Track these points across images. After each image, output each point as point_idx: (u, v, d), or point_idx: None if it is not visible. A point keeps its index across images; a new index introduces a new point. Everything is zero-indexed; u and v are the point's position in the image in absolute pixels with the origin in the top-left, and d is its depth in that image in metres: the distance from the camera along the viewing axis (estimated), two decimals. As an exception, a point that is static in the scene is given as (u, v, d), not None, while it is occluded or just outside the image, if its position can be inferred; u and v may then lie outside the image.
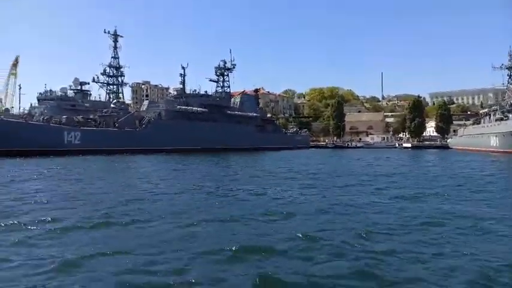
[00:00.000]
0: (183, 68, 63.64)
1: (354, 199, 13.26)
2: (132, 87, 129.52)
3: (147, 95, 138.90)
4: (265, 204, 12.35)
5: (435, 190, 15.67)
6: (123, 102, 59.38)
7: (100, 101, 67.78)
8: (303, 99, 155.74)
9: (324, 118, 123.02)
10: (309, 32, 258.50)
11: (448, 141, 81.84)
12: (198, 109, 60.24)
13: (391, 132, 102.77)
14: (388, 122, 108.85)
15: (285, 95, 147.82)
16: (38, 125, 43.94)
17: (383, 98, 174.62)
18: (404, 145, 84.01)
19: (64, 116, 47.90)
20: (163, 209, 11.35)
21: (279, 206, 11.84)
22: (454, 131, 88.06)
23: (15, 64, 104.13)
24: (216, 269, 6.29)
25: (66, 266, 6.33)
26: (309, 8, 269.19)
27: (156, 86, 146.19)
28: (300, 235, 8.09)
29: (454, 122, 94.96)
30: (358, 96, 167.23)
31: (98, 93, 79.64)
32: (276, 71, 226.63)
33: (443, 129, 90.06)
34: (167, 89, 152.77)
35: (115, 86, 70.28)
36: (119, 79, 70.46)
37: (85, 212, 10.75)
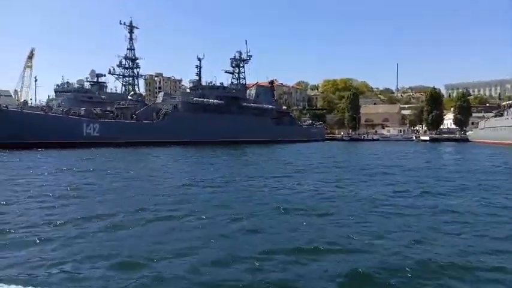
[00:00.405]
0: (199, 59, 63.12)
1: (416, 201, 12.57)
2: (145, 79, 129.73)
3: (159, 87, 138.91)
4: (308, 198, 11.79)
5: None
6: (140, 94, 59.18)
7: (116, 93, 67.80)
8: (316, 91, 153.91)
9: (338, 110, 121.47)
10: (320, 22, 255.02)
11: (467, 133, 79.87)
12: (215, 101, 59.78)
13: (407, 125, 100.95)
14: (404, 114, 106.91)
15: (298, 87, 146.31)
16: (58, 117, 43.98)
17: (397, 89, 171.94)
18: (422, 138, 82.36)
19: (83, 108, 47.92)
20: (207, 203, 10.99)
21: (321, 201, 11.30)
22: (473, 123, 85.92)
23: (30, 56, 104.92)
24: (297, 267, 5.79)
25: (130, 265, 5.95)
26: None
27: (169, 78, 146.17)
28: (373, 232, 7.50)
29: (472, 114, 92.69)
30: (372, 88, 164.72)
31: (113, 85, 79.78)
32: (288, 62, 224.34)
33: (462, 121, 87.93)
34: (180, 81, 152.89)
35: (130, 78, 70.32)
36: (135, 71, 70.41)
37: (132, 206, 10.32)
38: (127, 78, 69.90)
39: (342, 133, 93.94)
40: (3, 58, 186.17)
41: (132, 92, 57.76)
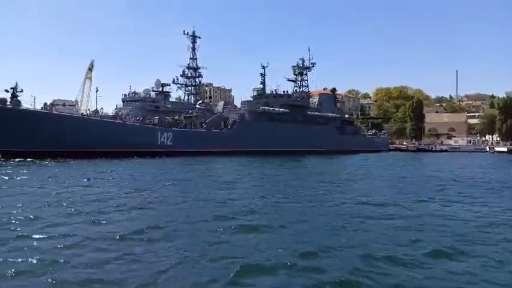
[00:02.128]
0: (263, 67, 61.82)
1: None
2: (180, 88, 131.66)
3: (210, 97, 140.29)
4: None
5: None
6: (208, 103, 58.82)
7: (180, 102, 68.29)
8: (369, 99, 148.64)
9: (395, 119, 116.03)
10: (370, 28, 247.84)
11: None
12: (280, 110, 58.10)
13: (477, 135, 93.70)
14: (470, 124, 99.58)
15: (350, 95, 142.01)
16: (135, 126, 44.01)
17: (457, 97, 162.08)
18: (497, 149, 75.54)
19: (156, 117, 47.86)
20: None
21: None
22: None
23: (90, 68, 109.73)
24: None
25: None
26: (367, 4, 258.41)
27: (218, 87, 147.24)
28: None
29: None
30: (427, 96, 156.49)
31: (176, 94, 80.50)
32: (337, 69, 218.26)
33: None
34: (230, 90, 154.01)
35: (192, 87, 70.62)
36: (196, 80, 70.70)
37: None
38: (189, 88, 70.42)
39: (405, 143, 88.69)
40: (63, 71, 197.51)
41: (201, 101, 57.50)
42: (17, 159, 31.97)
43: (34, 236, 8.19)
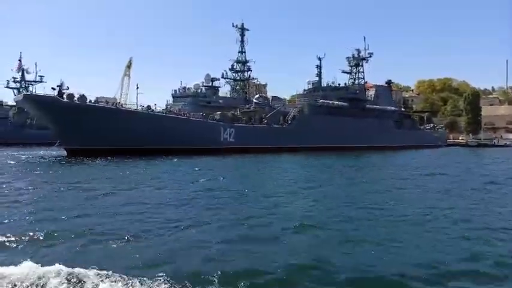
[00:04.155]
0: (319, 59, 58.60)
1: None
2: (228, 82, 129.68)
3: (245, 92, 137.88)
4: None
5: None
6: (266, 97, 56.25)
7: (230, 97, 66.27)
8: (410, 92, 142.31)
9: (443, 112, 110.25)
10: (406, 17, 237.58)
11: None
12: (339, 103, 54.89)
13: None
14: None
15: (393, 89, 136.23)
16: (199, 122, 41.99)
17: (495, 89, 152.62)
18: None
19: (218, 112, 45.82)
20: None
21: None
22: None
23: (128, 66, 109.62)
24: None
25: None
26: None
27: (253, 81, 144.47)
28: None
29: None
30: (473, 88, 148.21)
31: (224, 89, 78.61)
32: (375, 61, 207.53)
33: None
34: (265, 85, 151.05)
35: (241, 82, 68.45)
36: (245, 74, 68.41)
37: None
38: (238, 82, 68.27)
39: (461, 138, 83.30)
40: (103, 68, 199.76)
41: (258, 96, 54.99)
42: (97, 158, 30.47)
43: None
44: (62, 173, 21.76)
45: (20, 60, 73.20)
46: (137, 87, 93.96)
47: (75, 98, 34.87)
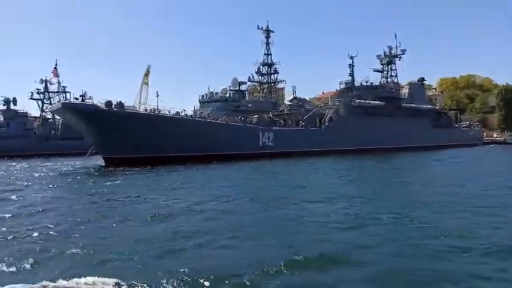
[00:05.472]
0: (352, 57, 56.37)
1: None
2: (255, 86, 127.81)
3: (263, 96, 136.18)
4: None
5: None
6: (301, 99, 54.25)
7: (259, 100, 64.44)
8: (433, 90, 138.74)
9: (471, 110, 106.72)
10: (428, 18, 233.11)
11: None
12: (376, 102, 52.51)
13: None
14: None
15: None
16: (238, 126, 40.11)
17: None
18: None
19: (255, 116, 43.92)
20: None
21: None
22: None
23: (146, 74, 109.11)
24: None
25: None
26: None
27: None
28: None
29: None
30: (496, 84, 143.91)
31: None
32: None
33: None
34: (282, 89, 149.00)
35: (268, 85, 66.61)
36: (272, 77, 66.56)
37: None
38: (265, 85, 66.47)
39: (495, 135, 79.99)
40: (123, 77, 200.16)
41: (292, 97, 53.13)
42: (135, 167, 28.72)
43: None
44: (119, 184, 19.98)
45: (55, 68, 72.44)
46: (157, 95, 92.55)
47: (113, 106, 33.37)
